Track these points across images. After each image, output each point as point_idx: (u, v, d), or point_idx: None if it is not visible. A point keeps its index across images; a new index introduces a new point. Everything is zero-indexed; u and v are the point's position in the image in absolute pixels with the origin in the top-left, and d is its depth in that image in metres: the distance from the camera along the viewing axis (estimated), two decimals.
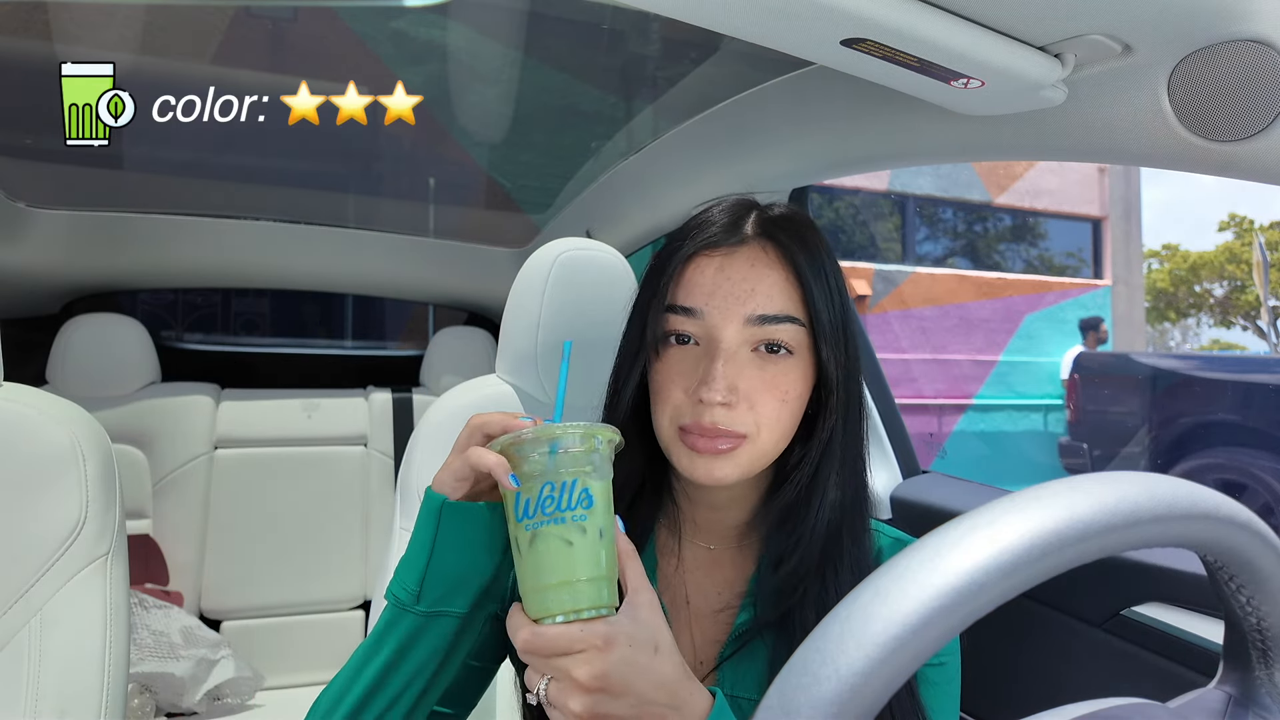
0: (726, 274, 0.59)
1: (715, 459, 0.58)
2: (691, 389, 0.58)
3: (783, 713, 0.28)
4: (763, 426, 0.58)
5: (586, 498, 0.51)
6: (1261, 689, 0.40)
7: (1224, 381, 4.31)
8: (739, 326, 0.58)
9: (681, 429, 0.59)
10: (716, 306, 0.59)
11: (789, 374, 0.59)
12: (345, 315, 2.90)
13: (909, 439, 1.29)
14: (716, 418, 0.57)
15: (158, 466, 1.82)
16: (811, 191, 1.28)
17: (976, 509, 0.31)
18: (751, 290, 0.58)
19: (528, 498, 0.51)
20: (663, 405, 0.60)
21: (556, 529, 0.51)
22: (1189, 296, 12.68)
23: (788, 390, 0.59)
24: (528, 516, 0.51)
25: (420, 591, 0.54)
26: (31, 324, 1.95)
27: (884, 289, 9.61)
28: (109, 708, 0.76)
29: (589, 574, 0.51)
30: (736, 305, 0.58)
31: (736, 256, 0.60)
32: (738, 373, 0.58)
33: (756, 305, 0.58)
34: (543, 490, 0.51)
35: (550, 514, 0.51)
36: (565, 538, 0.51)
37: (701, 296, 0.59)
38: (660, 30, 1.51)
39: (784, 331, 0.58)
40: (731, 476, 0.58)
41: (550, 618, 0.50)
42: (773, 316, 0.58)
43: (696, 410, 0.58)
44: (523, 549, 0.51)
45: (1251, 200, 18.58)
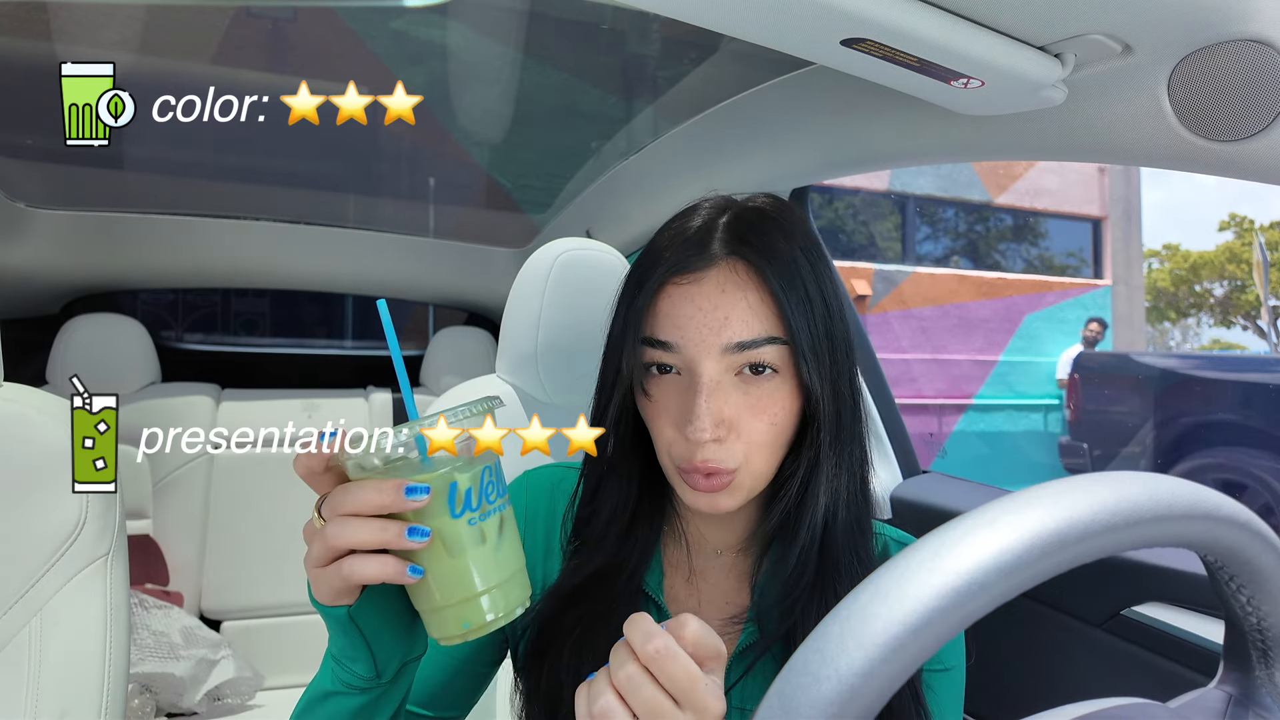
0: (697, 304, 0.56)
1: (716, 495, 0.57)
2: (680, 424, 0.56)
3: (783, 713, 0.28)
4: (753, 453, 0.57)
5: (500, 476, 0.49)
6: (1262, 689, 0.40)
7: (1224, 381, 4.31)
8: (717, 357, 0.56)
9: (680, 470, 0.58)
10: (691, 339, 0.56)
11: (775, 394, 0.57)
12: (345, 315, 2.90)
13: (909, 439, 1.29)
14: (709, 455, 0.55)
15: (158, 466, 1.81)
16: (811, 191, 1.28)
17: (976, 509, 0.31)
18: (725, 319, 0.56)
19: (469, 487, 0.45)
20: (658, 440, 0.59)
21: (505, 513, 0.48)
22: (1189, 296, 12.69)
23: (776, 413, 0.57)
24: (470, 508, 0.46)
25: (377, 673, 0.50)
26: (31, 324, 1.95)
27: (884, 289, 9.61)
28: (109, 708, 0.76)
29: (521, 559, 0.50)
30: (712, 336, 0.56)
31: (705, 283, 0.57)
32: (723, 402, 0.55)
33: (732, 333, 0.55)
34: (484, 476, 0.46)
35: (495, 502, 0.47)
36: (510, 522, 0.49)
37: (675, 330, 0.57)
38: (660, 30, 1.51)
39: (765, 353, 0.56)
40: (734, 506, 0.58)
41: (510, 613, 0.47)
42: (750, 342, 0.55)
43: (689, 449, 0.56)
44: (465, 545, 0.46)
45: (1252, 200, 18.58)
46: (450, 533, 0.45)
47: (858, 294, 9.11)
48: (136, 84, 0.48)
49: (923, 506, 1.17)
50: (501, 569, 0.47)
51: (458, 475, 0.45)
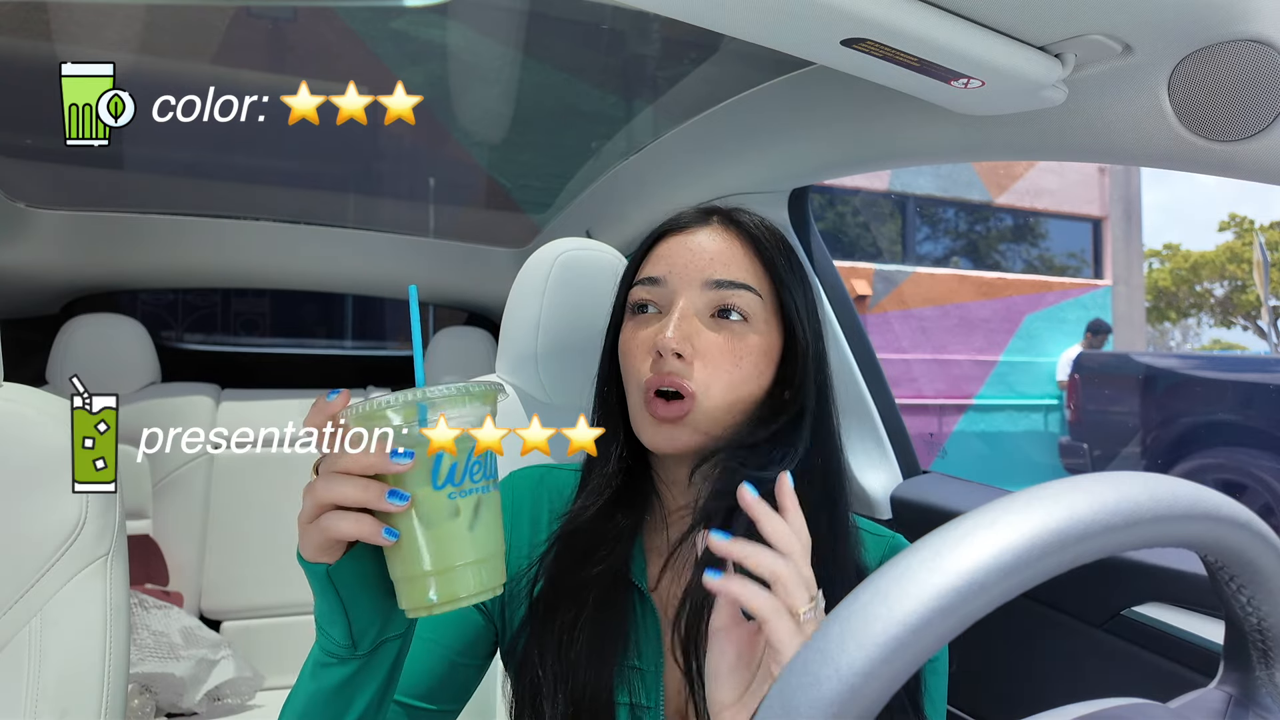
0: (689, 246, 0.64)
1: (673, 428, 0.60)
2: (652, 348, 0.61)
3: (783, 713, 0.28)
4: (713, 385, 0.60)
5: (490, 460, 0.49)
6: (1262, 689, 0.40)
7: (1224, 381, 4.31)
8: (697, 290, 0.62)
9: (645, 388, 0.61)
10: (678, 273, 0.63)
11: (744, 339, 0.62)
12: (345, 315, 2.90)
13: (909, 439, 1.29)
14: (673, 367, 0.60)
15: (158, 467, 1.81)
16: (811, 191, 1.28)
17: (976, 509, 0.31)
18: (711, 259, 0.63)
19: (453, 462, 0.46)
20: (629, 373, 0.64)
21: (487, 496, 0.48)
22: (1190, 296, 12.68)
23: (742, 356, 0.61)
24: (453, 483, 0.46)
25: (354, 642, 0.51)
26: (31, 324, 1.95)
27: (884, 289, 9.61)
28: (109, 708, 0.76)
29: (499, 546, 0.50)
30: (695, 272, 0.63)
31: (699, 233, 0.65)
32: (694, 331, 0.61)
33: (714, 271, 0.62)
34: (470, 453, 0.47)
35: (479, 482, 0.47)
36: (491, 506, 0.49)
37: (665, 266, 0.64)
38: (660, 30, 1.51)
39: (740, 298, 0.62)
40: (687, 441, 0.61)
41: (479, 593, 0.47)
42: (729, 282, 0.62)
43: (656, 365, 0.61)
44: (443, 517, 0.46)
45: (1252, 200, 18.59)
46: (429, 502, 0.46)
47: (858, 294, 9.10)
48: (136, 84, 0.48)
49: (923, 506, 1.17)
50: (476, 548, 0.48)
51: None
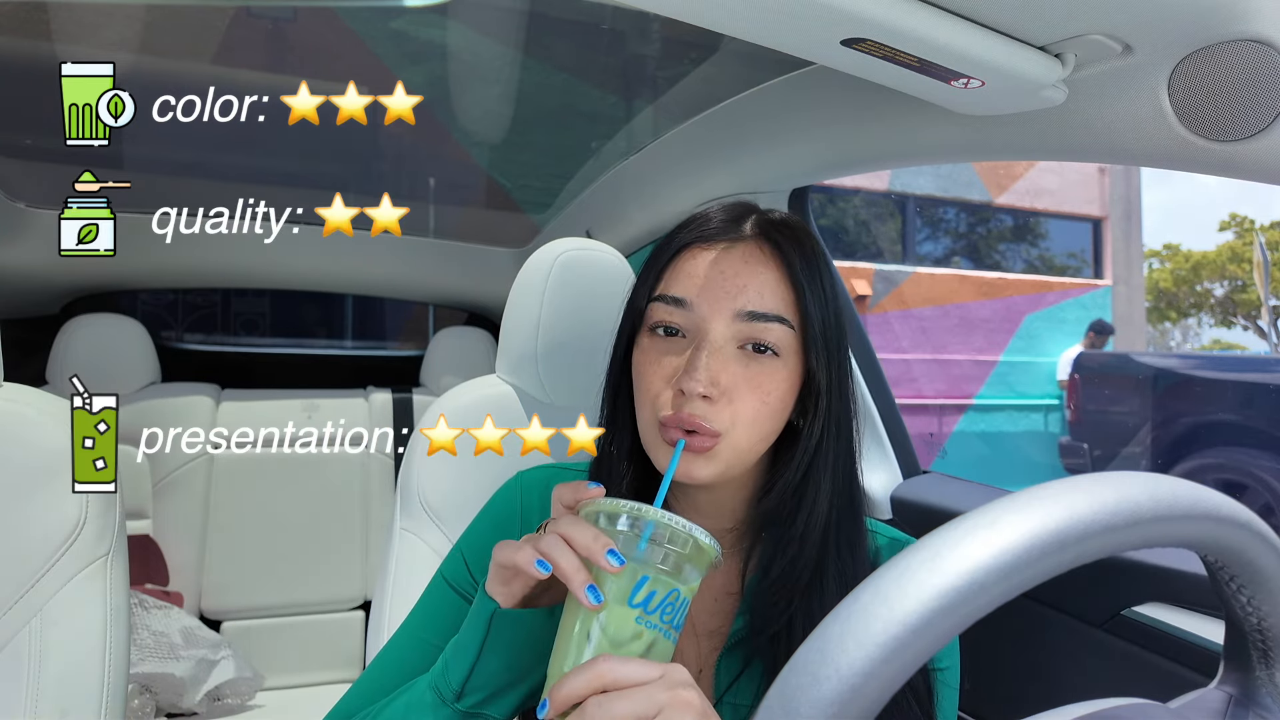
0: (720, 268, 0.58)
1: (694, 459, 0.56)
2: (673, 380, 0.57)
3: (783, 713, 0.28)
4: (739, 424, 0.56)
5: (682, 612, 0.48)
6: (1262, 689, 0.40)
7: (1224, 381, 4.31)
8: (728, 321, 0.57)
9: (661, 424, 0.57)
10: (706, 299, 0.58)
11: (773, 375, 0.57)
12: (345, 315, 2.90)
13: (909, 439, 1.29)
14: (696, 410, 0.55)
15: (158, 467, 1.81)
16: (811, 191, 1.27)
17: (976, 509, 0.31)
18: (744, 286, 0.57)
19: (654, 590, 0.46)
20: (644, 397, 0.59)
21: (663, 642, 0.47)
22: (1190, 296, 12.68)
23: (770, 392, 0.57)
24: (645, 609, 0.46)
25: (463, 691, 0.52)
26: (31, 324, 1.95)
27: (884, 289, 9.60)
28: (109, 708, 0.76)
29: None
30: (727, 300, 0.57)
31: (732, 252, 0.59)
32: (722, 367, 0.56)
33: (747, 301, 0.57)
34: (671, 595, 0.46)
35: (663, 625, 0.46)
36: (662, 653, 0.47)
37: (692, 287, 0.58)
38: (660, 30, 1.51)
39: (772, 332, 0.57)
40: (709, 476, 0.57)
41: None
42: (762, 314, 0.57)
43: (677, 402, 0.56)
44: (619, 634, 0.46)
45: (1252, 200, 18.60)
46: (615, 614, 0.46)
47: (858, 294, 9.10)
48: (136, 84, 0.48)
49: (923, 506, 1.17)
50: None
51: (652, 574, 0.47)
